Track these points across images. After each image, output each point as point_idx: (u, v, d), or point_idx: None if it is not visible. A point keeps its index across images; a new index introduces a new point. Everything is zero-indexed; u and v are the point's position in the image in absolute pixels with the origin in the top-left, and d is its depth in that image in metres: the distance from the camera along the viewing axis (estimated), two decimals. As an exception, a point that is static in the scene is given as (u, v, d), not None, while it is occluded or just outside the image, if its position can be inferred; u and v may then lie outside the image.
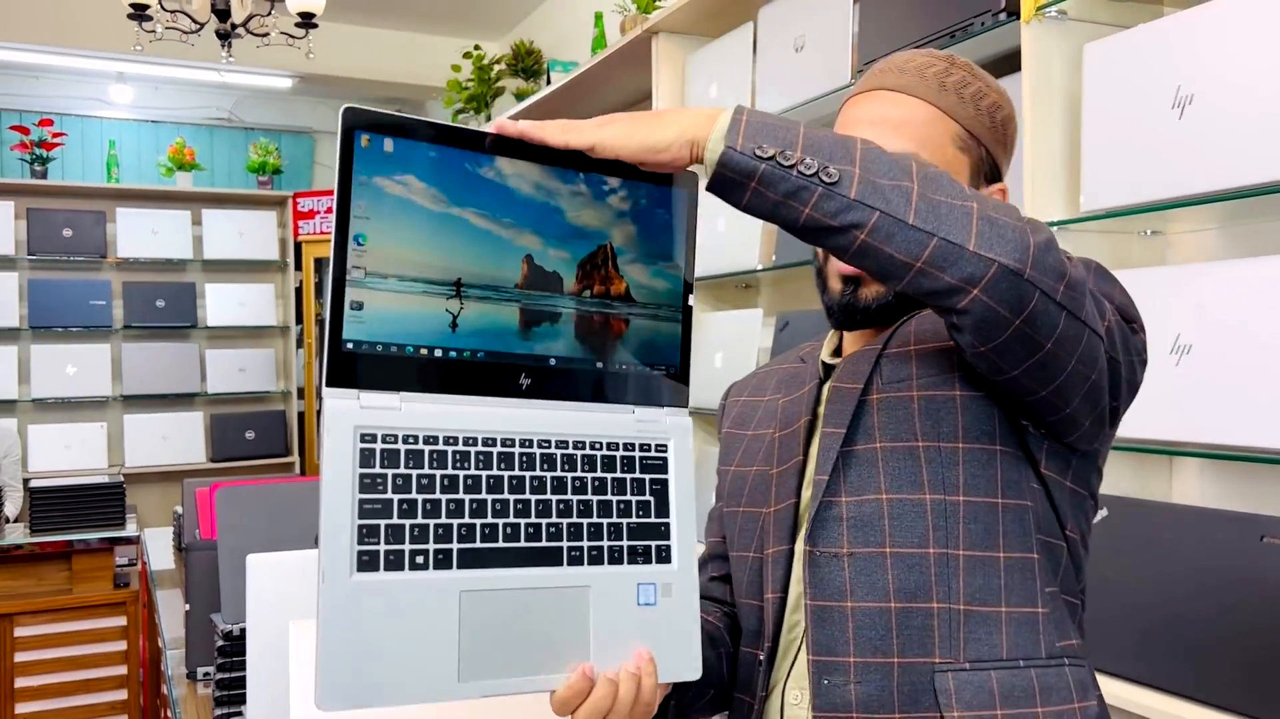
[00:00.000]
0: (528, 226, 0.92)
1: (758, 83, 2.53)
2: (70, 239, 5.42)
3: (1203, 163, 1.48)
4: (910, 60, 1.05)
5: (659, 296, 0.98)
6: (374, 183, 0.86)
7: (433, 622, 0.85)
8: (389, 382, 0.88)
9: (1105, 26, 1.73)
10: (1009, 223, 0.83)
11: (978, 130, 1.03)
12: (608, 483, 0.96)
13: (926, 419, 0.98)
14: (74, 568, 4.11)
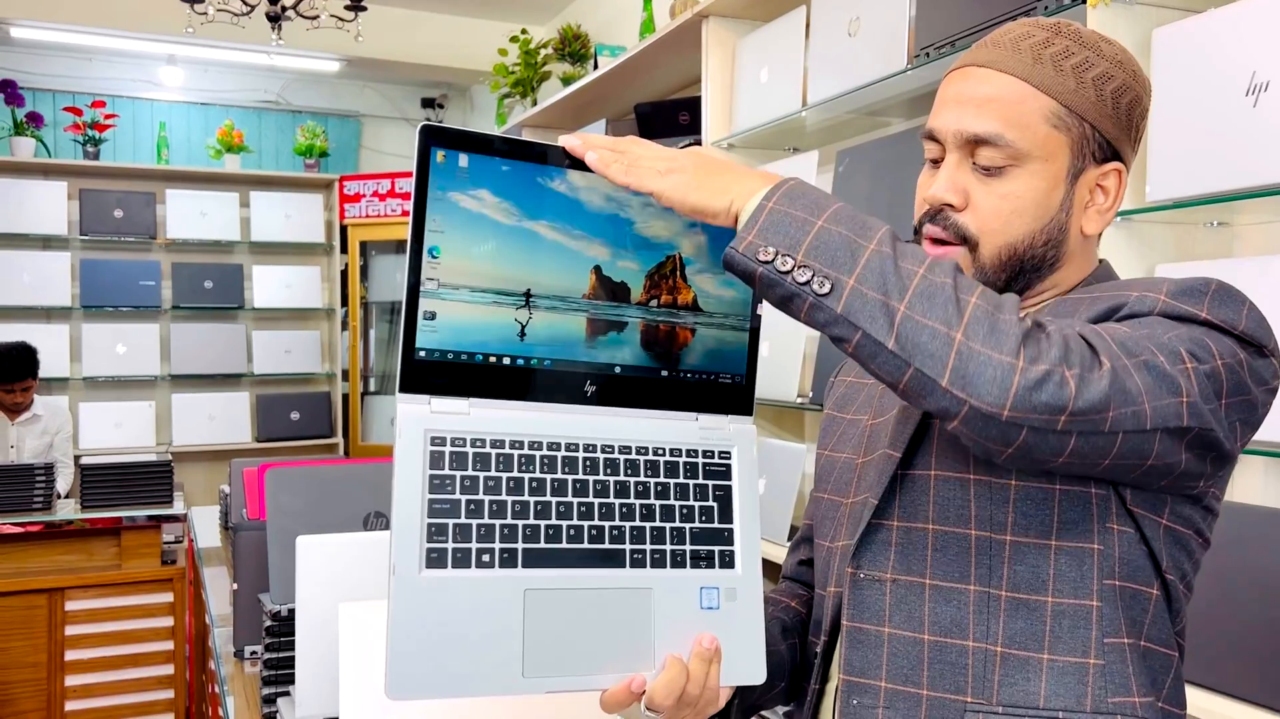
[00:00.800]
0: (597, 238, 0.94)
1: (810, 68, 2.50)
2: (121, 220, 5.50)
3: (1276, 152, 1.44)
4: (1008, 32, 0.99)
5: (726, 306, 0.99)
6: (449, 197, 0.88)
7: (498, 617, 0.87)
8: (459, 388, 0.91)
9: (1174, 11, 1.68)
10: (992, 358, 0.78)
11: (1080, 106, 0.95)
12: (670, 488, 0.96)
13: None
14: (123, 544, 4.18)
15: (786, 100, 2.58)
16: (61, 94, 5.73)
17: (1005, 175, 0.96)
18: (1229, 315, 0.89)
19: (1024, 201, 0.96)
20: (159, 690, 4.19)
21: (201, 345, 5.67)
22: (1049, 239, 0.97)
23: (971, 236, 0.97)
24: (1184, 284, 0.91)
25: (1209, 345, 0.87)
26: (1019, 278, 0.98)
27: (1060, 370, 0.79)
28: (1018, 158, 0.95)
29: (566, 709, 1.36)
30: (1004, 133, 0.94)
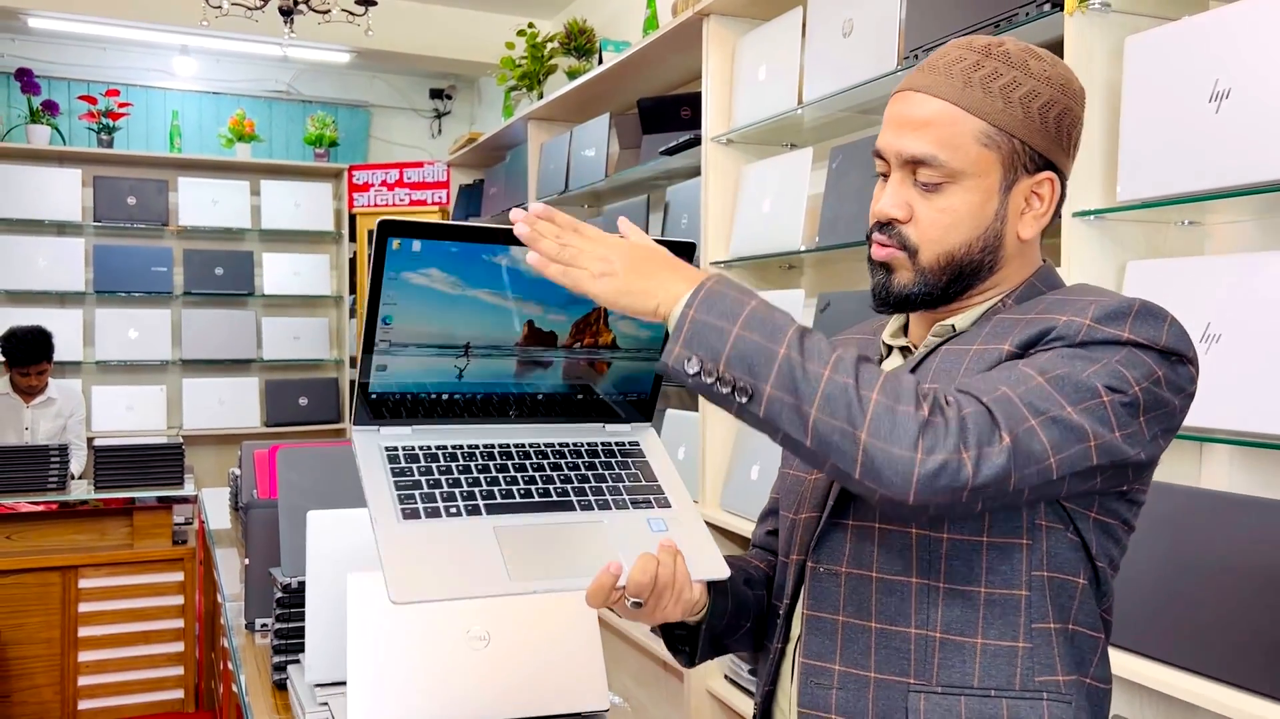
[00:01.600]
0: (531, 299, 1.09)
1: (806, 67, 2.57)
2: (134, 207, 5.59)
3: (1238, 156, 1.52)
4: (944, 55, 1.06)
5: (642, 342, 1.16)
6: (401, 277, 1.03)
7: (475, 544, 1.01)
8: (404, 415, 1.09)
9: (1147, 19, 1.76)
10: (893, 454, 0.87)
11: (1008, 124, 1.02)
12: (596, 463, 1.14)
13: None
14: (135, 524, 4.28)
15: (783, 98, 2.66)
16: (77, 83, 5.82)
17: (942, 191, 1.04)
18: (1151, 333, 0.97)
19: (959, 215, 1.05)
20: (169, 667, 4.30)
21: (212, 331, 5.76)
22: (985, 245, 1.06)
23: (913, 245, 1.06)
24: (1109, 307, 0.98)
25: (1125, 375, 0.95)
26: (959, 280, 1.07)
27: (957, 456, 0.88)
28: (952, 176, 1.04)
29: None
30: (937, 154, 1.03)
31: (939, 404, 0.90)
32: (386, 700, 1.36)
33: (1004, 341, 1.02)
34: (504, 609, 1.45)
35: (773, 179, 2.75)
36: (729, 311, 0.93)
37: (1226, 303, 1.58)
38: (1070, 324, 0.98)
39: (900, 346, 1.17)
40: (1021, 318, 1.03)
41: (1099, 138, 1.77)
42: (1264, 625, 1.47)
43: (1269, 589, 1.47)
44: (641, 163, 3.53)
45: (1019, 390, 0.93)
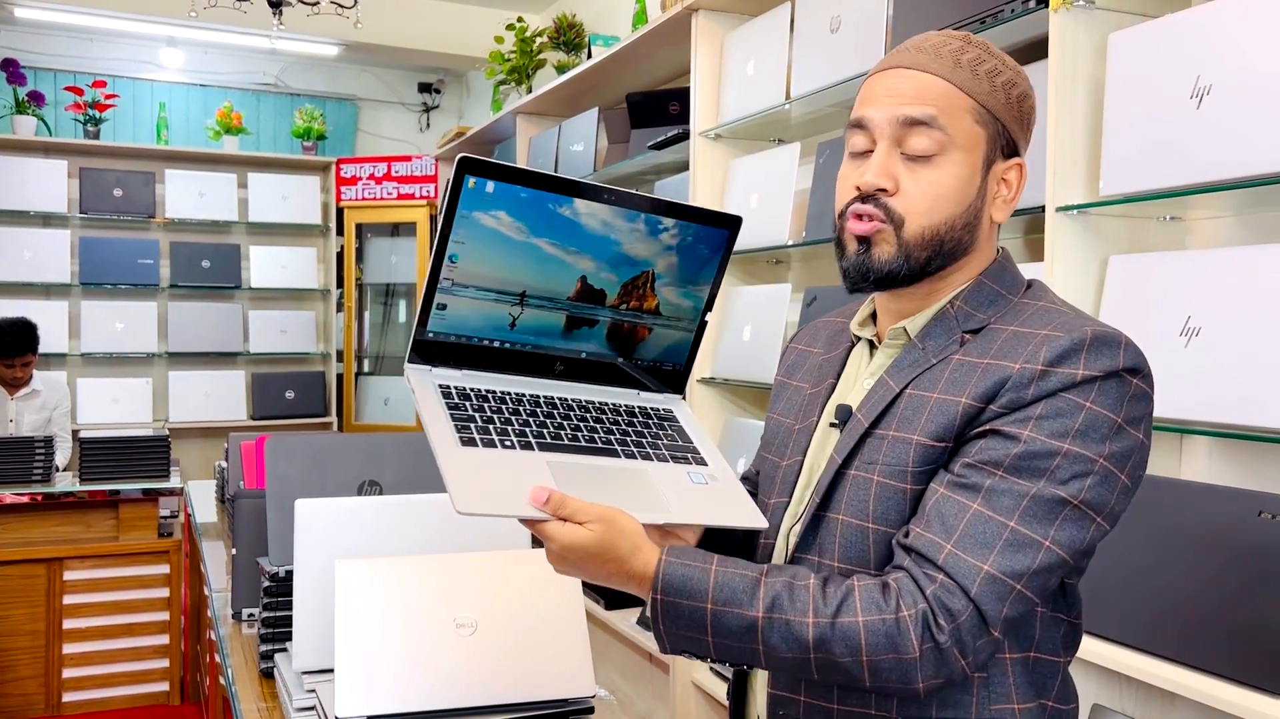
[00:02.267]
0: (588, 253, 1.14)
1: (794, 62, 2.59)
2: (120, 199, 5.57)
3: (1218, 152, 1.54)
4: (927, 39, 1.08)
5: (682, 311, 1.22)
6: (473, 216, 1.08)
7: (533, 475, 1.05)
8: (454, 362, 1.14)
9: (1131, 16, 1.78)
10: (898, 689, 0.97)
11: (993, 106, 1.05)
12: (635, 422, 1.19)
13: (879, 503, 1.07)
14: (120, 516, 4.27)
15: (771, 93, 2.68)
16: (63, 74, 5.79)
17: (932, 163, 1.05)
18: (1107, 362, 0.97)
19: (948, 188, 1.05)
20: (154, 660, 4.29)
21: (198, 324, 5.75)
22: (967, 223, 1.07)
23: (899, 217, 1.05)
24: (1059, 347, 0.98)
25: (1085, 455, 0.96)
26: (938, 257, 1.06)
27: (958, 666, 0.96)
28: (945, 146, 1.04)
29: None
30: (938, 116, 1.04)
31: (932, 630, 0.94)
32: (374, 687, 1.36)
33: (961, 393, 1.02)
34: (491, 597, 1.46)
35: (760, 174, 2.77)
36: (694, 624, 1.01)
37: (1206, 297, 1.60)
38: (1022, 377, 0.98)
39: (868, 338, 1.17)
40: (979, 362, 1.03)
41: (1083, 133, 1.78)
42: (1242, 614, 1.49)
43: (1246, 578, 1.49)
44: (630, 157, 3.53)
45: (996, 557, 0.95)
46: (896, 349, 1.12)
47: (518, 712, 1.41)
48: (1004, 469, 0.96)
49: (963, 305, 1.09)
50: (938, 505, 0.98)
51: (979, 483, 0.97)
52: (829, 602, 0.97)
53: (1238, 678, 1.48)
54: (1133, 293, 1.71)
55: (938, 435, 1.02)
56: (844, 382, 1.18)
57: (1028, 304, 1.07)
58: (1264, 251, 1.55)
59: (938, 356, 1.07)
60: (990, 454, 0.97)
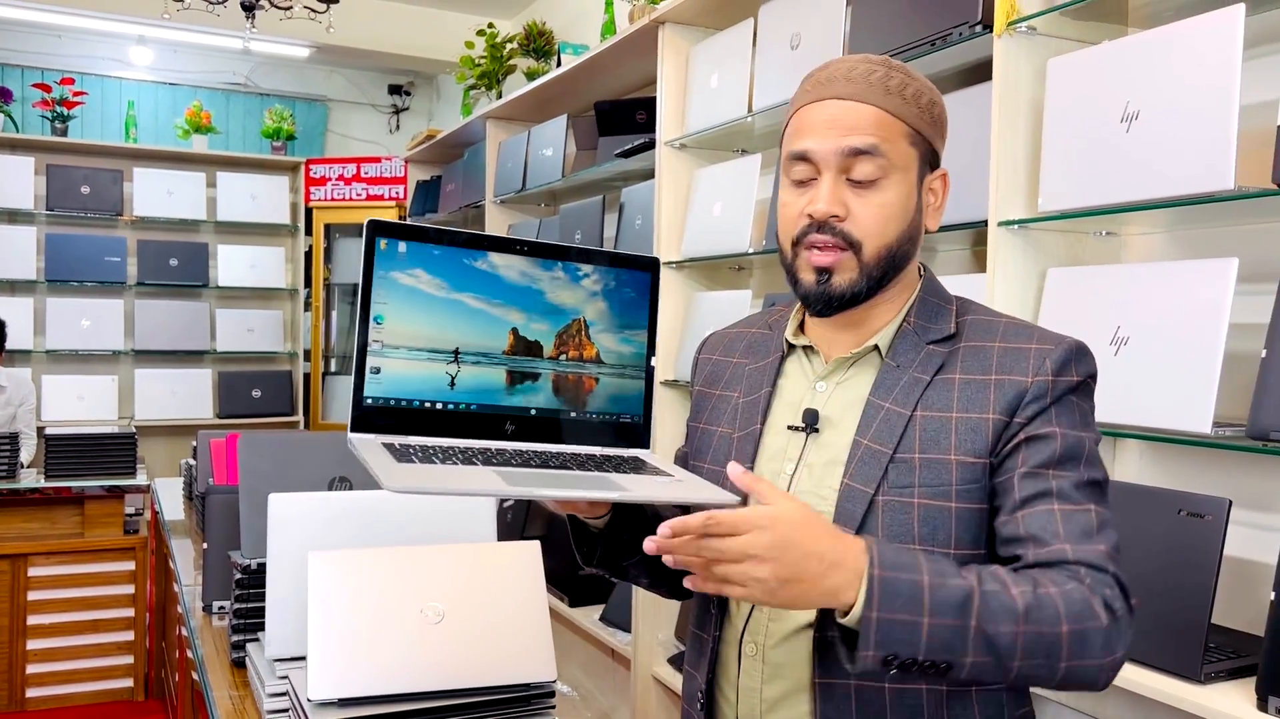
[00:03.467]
0: (514, 305, 1.15)
1: (755, 76, 2.68)
2: (88, 196, 5.57)
3: (1145, 172, 1.64)
4: (853, 69, 1.14)
5: (624, 358, 1.21)
6: (390, 276, 1.10)
7: (474, 473, 1.03)
8: (400, 428, 1.12)
9: (1070, 42, 1.88)
10: (1086, 667, 1.00)
11: (920, 126, 1.14)
12: (596, 460, 1.15)
13: (925, 524, 1.11)
14: (86, 513, 4.29)
15: (734, 105, 2.76)
16: (30, 70, 5.79)
17: (877, 187, 1.12)
18: (1085, 368, 1.13)
19: (895, 208, 1.13)
20: (119, 656, 4.31)
21: (165, 322, 5.76)
22: (910, 236, 1.16)
23: (856, 241, 1.13)
24: (1057, 358, 1.11)
25: (1094, 437, 1.12)
26: (891, 272, 1.15)
27: (1126, 640, 1.03)
28: (887, 170, 1.12)
29: (510, 648, 1.52)
30: (879, 144, 1.11)
31: (1108, 604, 1.01)
32: (345, 672, 1.43)
33: (986, 409, 1.10)
34: (457, 587, 1.53)
35: (723, 183, 2.86)
36: (911, 601, 0.96)
37: (1136, 308, 1.70)
38: (1039, 385, 1.10)
39: (804, 346, 1.23)
40: (986, 378, 1.12)
41: (1023, 152, 1.88)
42: (1170, 608, 1.59)
43: (1174, 574, 1.59)
44: (598, 164, 3.61)
45: (1100, 538, 1.06)
46: (866, 367, 1.19)
47: (482, 695, 1.48)
48: (1054, 465, 1.08)
49: (916, 320, 1.18)
50: (1029, 524, 1.06)
51: (1046, 488, 1.07)
52: (1020, 576, 1.01)
53: (1162, 667, 1.58)
54: (1068, 303, 1.81)
55: (974, 453, 1.10)
56: (788, 388, 1.23)
57: (985, 319, 1.18)
58: (1187, 266, 1.65)
59: (923, 373, 1.14)
60: (1039, 457, 1.08)
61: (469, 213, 4.95)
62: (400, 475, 0.98)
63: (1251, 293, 1.72)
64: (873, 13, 2.21)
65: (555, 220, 3.94)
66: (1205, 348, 1.57)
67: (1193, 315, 1.60)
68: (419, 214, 5.57)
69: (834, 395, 1.19)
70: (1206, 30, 1.55)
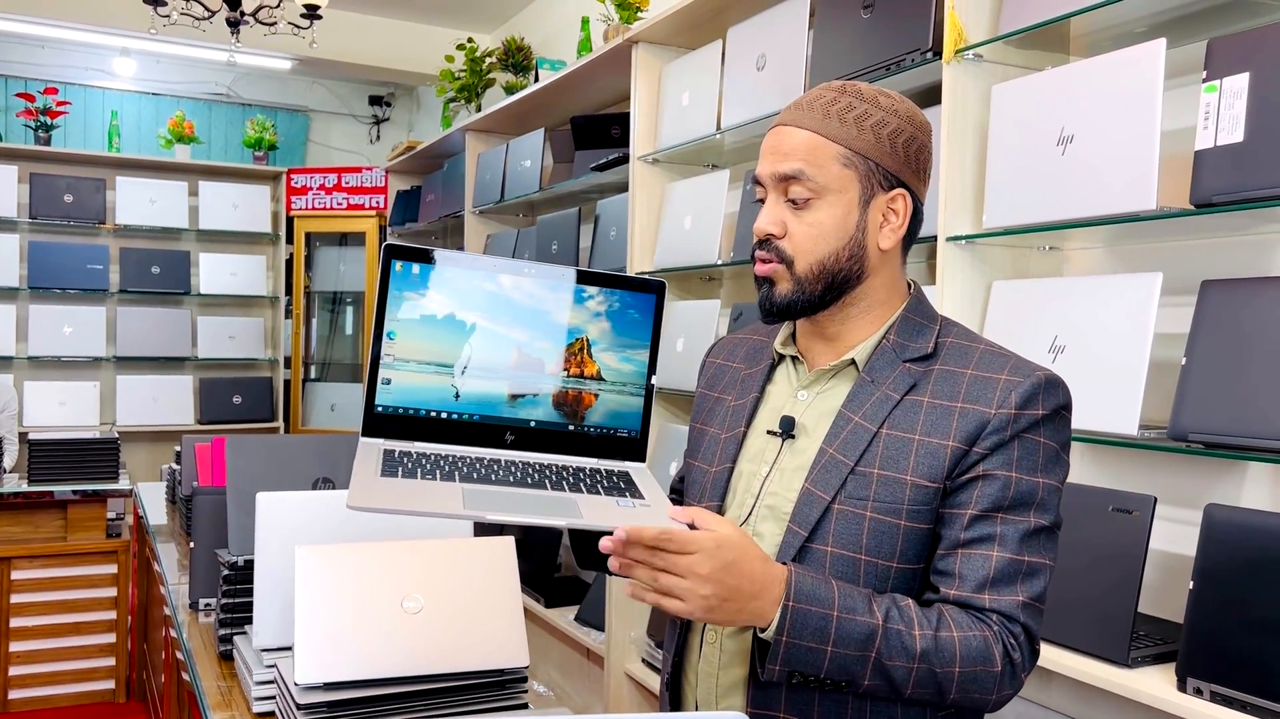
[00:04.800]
0: (520, 324, 1.23)
1: (724, 94, 2.79)
2: (71, 204, 5.63)
3: (1079, 192, 1.76)
4: (808, 96, 1.23)
5: (625, 376, 1.27)
6: (404, 296, 1.19)
7: (441, 489, 1.10)
8: (407, 434, 1.21)
9: (1014, 69, 2.00)
10: (975, 699, 1.13)
11: (861, 147, 1.19)
12: (582, 474, 1.22)
13: (873, 537, 1.18)
14: (69, 517, 4.35)
15: (704, 122, 2.88)
16: (14, 80, 5.84)
17: (810, 207, 1.20)
18: (1054, 402, 1.16)
19: (826, 227, 1.20)
20: (101, 658, 4.37)
21: (147, 329, 5.81)
22: (851, 255, 1.21)
23: (788, 257, 1.21)
24: (1024, 391, 1.15)
25: (1050, 485, 1.16)
26: (832, 289, 1.21)
27: (1020, 681, 1.14)
28: (818, 191, 1.19)
29: (485, 636, 1.62)
30: (804, 169, 1.19)
31: (1008, 652, 1.12)
32: (330, 658, 1.52)
33: (946, 437, 1.16)
34: (435, 580, 1.62)
35: (694, 197, 2.97)
36: (819, 632, 1.08)
37: (1072, 319, 1.82)
38: (1000, 418, 1.14)
39: (791, 355, 1.32)
40: (951, 405, 1.18)
41: (970, 171, 2.00)
42: (1101, 598, 1.70)
43: (1105, 566, 1.71)
44: (574, 176, 3.71)
45: (1025, 589, 1.14)
46: (844, 379, 1.26)
47: (459, 680, 1.57)
48: (1004, 509, 1.14)
49: (896, 338, 1.23)
50: (964, 564, 1.14)
51: (990, 533, 1.13)
52: (929, 618, 1.11)
53: (1094, 652, 1.70)
54: (1010, 314, 1.93)
55: (930, 476, 1.15)
56: (775, 394, 1.32)
57: (964, 344, 1.24)
58: (1117, 280, 1.77)
59: (895, 391, 1.20)
60: (989, 500, 1.14)
61: (449, 222, 5.05)
62: (362, 494, 1.05)
63: (1175, 304, 1.85)
64: (833, 38, 2.33)
65: (533, 231, 4.04)
66: (1132, 356, 1.69)
67: (1122, 325, 1.72)
68: (399, 224, 5.66)
69: (813, 404, 1.27)
70: (1132, 61, 1.68)
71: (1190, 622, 1.57)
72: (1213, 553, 1.57)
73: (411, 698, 1.54)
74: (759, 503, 1.25)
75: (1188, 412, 1.63)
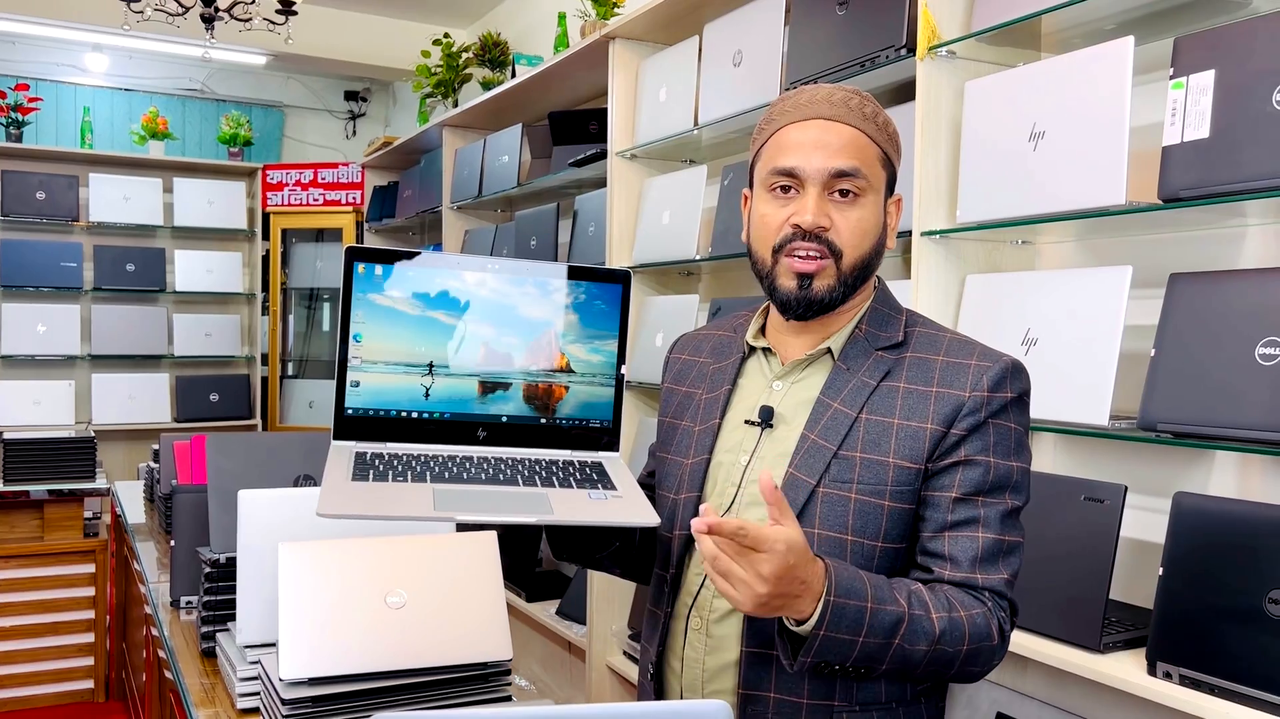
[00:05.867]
0: (486, 320, 1.23)
1: (701, 90, 2.81)
2: (43, 202, 5.58)
3: (1049, 187, 1.79)
4: (834, 94, 1.25)
5: (594, 367, 1.29)
6: (368, 298, 1.19)
7: (411, 491, 1.12)
8: (378, 435, 1.22)
9: (987, 65, 2.03)
10: (972, 674, 1.20)
11: (889, 151, 1.26)
12: (555, 467, 1.24)
13: (859, 518, 1.22)
14: (45, 517, 4.32)
15: (681, 118, 2.90)
16: (-15, 76, 5.78)
17: (858, 203, 1.23)
18: (1020, 385, 1.23)
19: (869, 224, 1.24)
20: (79, 658, 4.35)
21: (122, 327, 5.78)
22: (878, 251, 1.27)
23: (839, 250, 1.23)
24: (994, 375, 1.21)
25: (1022, 468, 1.23)
26: (860, 280, 1.26)
27: (1006, 649, 1.21)
28: (864, 189, 1.23)
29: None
30: (860, 167, 1.22)
31: (1001, 627, 1.18)
32: (315, 653, 1.53)
33: (925, 419, 1.21)
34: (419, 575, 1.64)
35: (672, 192, 2.99)
36: (855, 624, 1.10)
37: (1044, 312, 1.85)
38: (974, 400, 1.21)
39: (763, 348, 1.34)
40: (928, 390, 1.23)
41: (944, 167, 2.03)
42: (1073, 585, 1.73)
43: (1077, 554, 1.74)
44: (552, 172, 3.73)
45: (1005, 564, 1.21)
46: (819, 369, 1.29)
47: (443, 674, 1.59)
48: (985, 493, 1.20)
49: (867, 328, 1.28)
50: (953, 546, 1.20)
51: (974, 515, 1.20)
52: (940, 600, 1.16)
53: (1066, 639, 1.73)
54: (984, 307, 1.96)
55: (911, 458, 1.21)
56: (747, 387, 1.35)
57: (932, 333, 1.29)
58: (1088, 273, 1.81)
59: (870, 378, 1.25)
60: (970, 484, 1.20)
61: (426, 218, 5.04)
62: (332, 501, 1.07)
63: (1144, 297, 1.88)
64: (808, 35, 2.35)
65: (511, 226, 4.05)
66: (1103, 348, 1.72)
67: (1093, 318, 1.76)
68: (376, 219, 5.65)
69: (788, 394, 1.30)
70: (1101, 59, 1.71)
71: (1159, 607, 1.60)
72: (1181, 540, 1.60)
73: (396, 692, 1.56)
74: (741, 491, 1.28)
75: (1157, 402, 1.66)
